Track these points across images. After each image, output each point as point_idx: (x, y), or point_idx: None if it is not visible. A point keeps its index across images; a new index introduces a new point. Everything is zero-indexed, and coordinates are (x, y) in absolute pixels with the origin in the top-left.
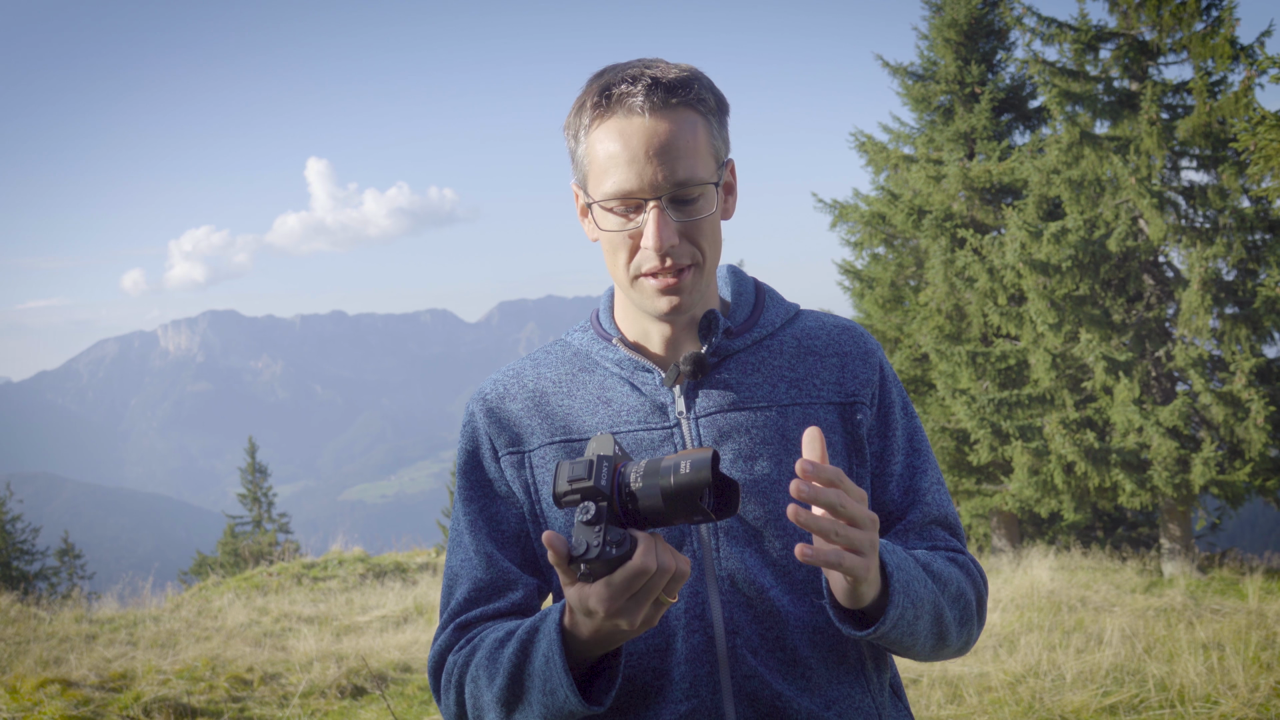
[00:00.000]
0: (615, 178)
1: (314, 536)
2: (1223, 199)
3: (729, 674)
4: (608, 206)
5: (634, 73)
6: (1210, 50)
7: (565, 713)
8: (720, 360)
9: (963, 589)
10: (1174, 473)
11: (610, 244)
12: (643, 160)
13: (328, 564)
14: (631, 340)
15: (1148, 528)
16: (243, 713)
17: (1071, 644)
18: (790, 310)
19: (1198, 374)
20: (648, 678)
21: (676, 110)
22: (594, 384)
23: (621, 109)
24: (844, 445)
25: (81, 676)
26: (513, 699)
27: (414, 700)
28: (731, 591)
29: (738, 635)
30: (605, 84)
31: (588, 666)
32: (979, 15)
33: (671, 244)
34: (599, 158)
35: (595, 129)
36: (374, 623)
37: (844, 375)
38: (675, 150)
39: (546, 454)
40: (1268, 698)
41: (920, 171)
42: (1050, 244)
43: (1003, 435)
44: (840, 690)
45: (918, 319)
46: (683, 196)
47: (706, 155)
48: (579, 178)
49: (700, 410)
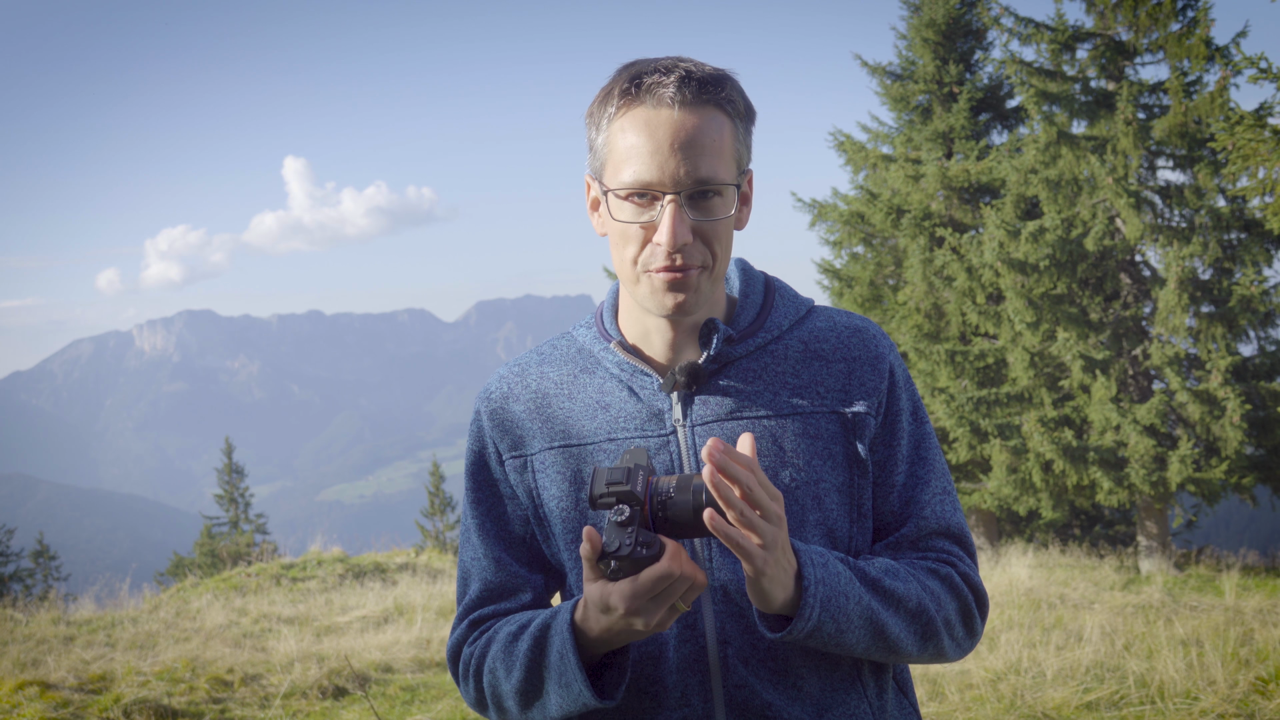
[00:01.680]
0: (635, 167)
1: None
2: (1199, 198)
3: (721, 683)
4: (623, 195)
5: (667, 64)
6: (1186, 50)
7: (580, 705)
8: (721, 367)
9: (923, 605)
10: (1151, 470)
11: (621, 236)
12: (666, 152)
13: (307, 564)
14: (631, 343)
15: (1125, 525)
16: (224, 714)
17: (1051, 641)
18: (801, 309)
19: (1174, 372)
20: (640, 685)
21: (706, 107)
22: (594, 387)
23: (650, 99)
24: (845, 457)
25: (60, 678)
26: (530, 690)
27: (396, 701)
28: (724, 602)
29: (729, 645)
30: (636, 73)
31: (596, 661)
32: (957, 15)
33: (685, 241)
34: (620, 146)
35: (620, 117)
36: (354, 623)
37: (850, 382)
38: (700, 147)
39: (546, 459)
40: (1246, 693)
41: (899, 171)
42: (1028, 243)
43: (981, 433)
44: (834, 698)
45: (896, 318)
46: (702, 194)
47: (729, 158)
48: (595, 168)
49: (697, 419)
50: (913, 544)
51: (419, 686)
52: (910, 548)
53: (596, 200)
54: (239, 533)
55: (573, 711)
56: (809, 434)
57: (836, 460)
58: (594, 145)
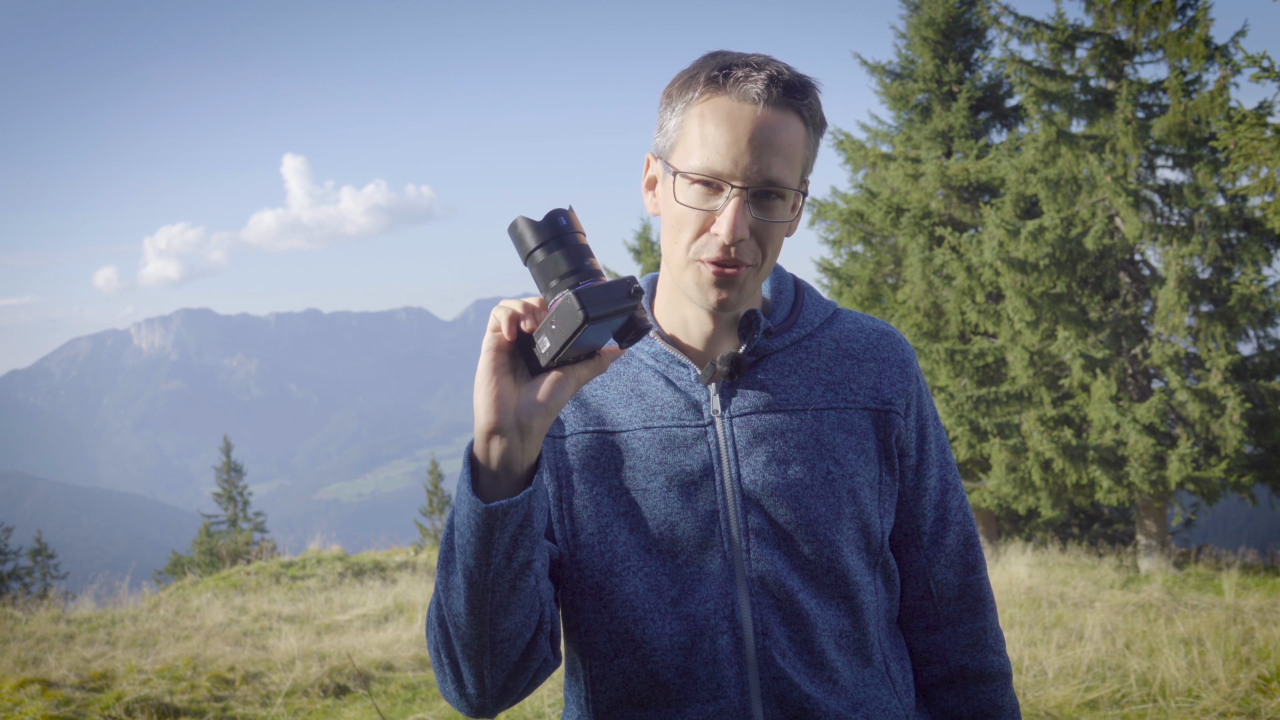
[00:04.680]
0: (709, 155)
1: (290, 535)
2: (1198, 197)
3: (757, 675)
4: (690, 180)
5: (758, 61)
6: (1185, 50)
7: (472, 526)
8: (757, 360)
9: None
10: (1150, 469)
11: (679, 219)
12: (743, 146)
13: (306, 563)
14: (668, 333)
15: (1124, 524)
16: (225, 712)
17: (1052, 640)
18: (828, 309)
19: (1174, 371)
20: (674, 676)
21: (787, 111)
22: (628, 376)
23: (736, 91)
24: (877, 453)
25: (61, 676)
26: (445, 559)
27: (397, 699)
28: (761, 593)
29: (767, 637)
30: (726, 63)
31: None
32: (956, 14)
33: (742, 237)
34: (696, 132)
35: (702, 103)
36: (354, 621)
37: (881, 381)
38: (775, 147)
39: (579, 442)
40: (1248, 692)
41: (898, 170)
42: (1027, 242)
43: (981, 432)
44: (867, 692)
45: (896, 316)
46: (766, 194)
47: (798, 164)
48: (662, 147)
49: (735, 410)
50: (948, 558)
51: (420, 685)
52: (945, 564)
53: (654, 179)
54: (237, 531)
55: (473, 551)
56: (844, 428)
57: (870, 455)
58: (665, 126)
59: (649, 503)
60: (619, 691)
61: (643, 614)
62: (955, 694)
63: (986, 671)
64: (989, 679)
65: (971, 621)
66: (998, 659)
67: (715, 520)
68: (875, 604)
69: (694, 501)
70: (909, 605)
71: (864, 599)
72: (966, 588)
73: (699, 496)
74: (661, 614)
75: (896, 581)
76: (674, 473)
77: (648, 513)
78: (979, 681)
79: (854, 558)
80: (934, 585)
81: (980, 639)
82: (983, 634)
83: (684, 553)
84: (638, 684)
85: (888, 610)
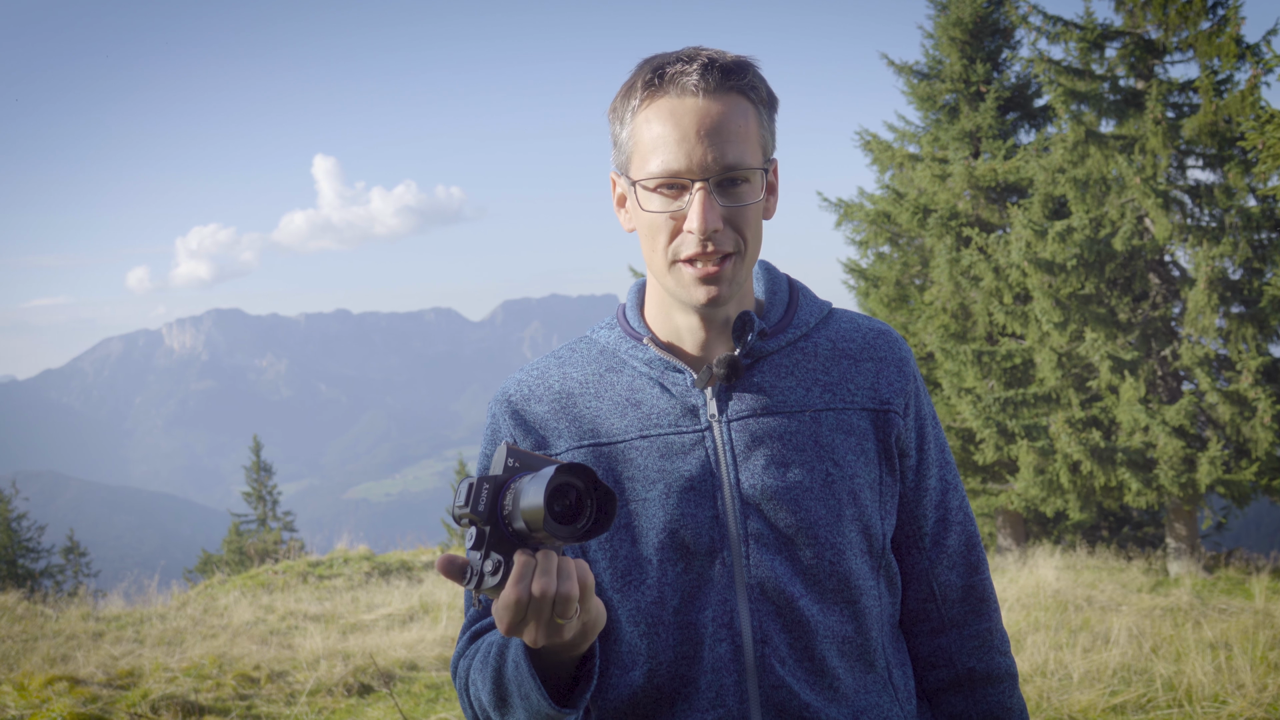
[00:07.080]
0: (663, 157)
1: (318, 535)
2: (1229, 198)
3: (756, 683)
4: (651, 187)
5: (688, 54)
6: (1216, 49)
7: (544, 715)
8: (754, 362)
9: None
10: (1180, 472)
11: (650, 227)
12: (693, 140)
13: (333, 562)
14: (663, 340)
15: (1153, 527)
16: (250, 710)
17: (1078, 643)
18: (823, 309)
19: (1204, 373)
20: (673, 685)
21: (730, 94)
22: (622, 385)
23: (674, 88)
24: (877, 453)
25: (89, 674)
26: (500, 703)
27: (420, 699)
28: (761, 600)
29: (766, 645)
30: (658, 64)
31: (573, 668)
32: (984, 14)
33: (715, 228)
34: (646, 138)
35: (644, 109)
36: (380, 621)
37: (879, 381)
38: (726, 133)
39: (575, 458)
40: (1276, 697)
41: (925, 170)
42: (1055, 243)
43: (1008, 434)
44: (868, 700)
45: (923, 318)
46: (730, 181)
47: (755, 144)
48: (620, 163)
49: (733, 414)
50: (950, 558)
51: (444, 685)
52: (947, 565)
53: (623, 196)
54: (266, 530)
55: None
56: (843, 429)
57: (869, 456)
58: (618, 140)
59: (649, 512)
60: (621, 701)
61: (646, 627)
62: (963, 697)
63: (994, 673)
64: (997, 680)
65: (976, 623)
66: (1004, 660)
67: (715, 526)
68: (878, 608)
69: (693, 507)
70: (912, 608)
71: (867, 603)
72: (970, 589)
73: (698, 502)
74: (665, 625)
75: (899, 584)
76: (673, 479)
77: (649, 523)
78: (987, 684)
79: (856, 561)
80: (937, 587)
81: (986, 640)
82: (988, 635)
83: (685, 560)
84: (640, 693)
85: (891, 614)
